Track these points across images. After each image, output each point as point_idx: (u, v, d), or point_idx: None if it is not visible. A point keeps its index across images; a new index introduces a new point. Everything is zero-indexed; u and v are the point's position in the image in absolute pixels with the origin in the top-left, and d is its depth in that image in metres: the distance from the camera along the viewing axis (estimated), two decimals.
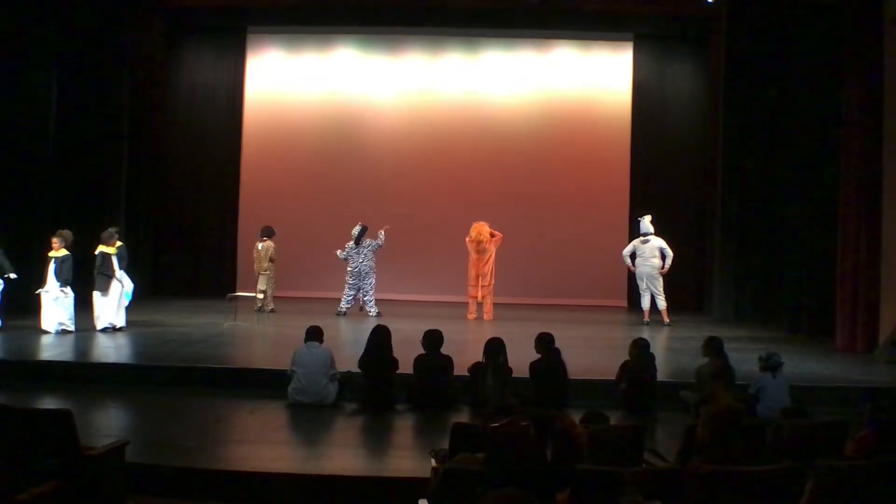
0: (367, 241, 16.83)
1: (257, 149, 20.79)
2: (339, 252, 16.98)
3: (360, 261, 16.74)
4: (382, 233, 16.91)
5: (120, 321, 14.09)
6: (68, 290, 13.63)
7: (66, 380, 10.83)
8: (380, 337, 10.18)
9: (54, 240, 13.73)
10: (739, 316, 17.15)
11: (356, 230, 16.87)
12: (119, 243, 14.35)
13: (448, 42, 20.94)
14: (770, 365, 9.59)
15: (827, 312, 14.63)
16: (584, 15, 19.33)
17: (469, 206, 19.08)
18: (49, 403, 9.37)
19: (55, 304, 13.54)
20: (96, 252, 14.10)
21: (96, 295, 13.97)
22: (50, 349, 12.35)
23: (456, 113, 20.57)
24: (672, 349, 13.51)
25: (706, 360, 9.82)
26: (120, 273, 14.19)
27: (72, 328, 13.61)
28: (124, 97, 18.19)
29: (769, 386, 9.40)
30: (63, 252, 13.68)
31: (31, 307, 13.87)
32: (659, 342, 14.04)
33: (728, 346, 10.15)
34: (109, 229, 14.41)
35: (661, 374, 10.42)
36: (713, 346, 9.84)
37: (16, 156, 15.44)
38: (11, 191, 15.35)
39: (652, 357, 10.29)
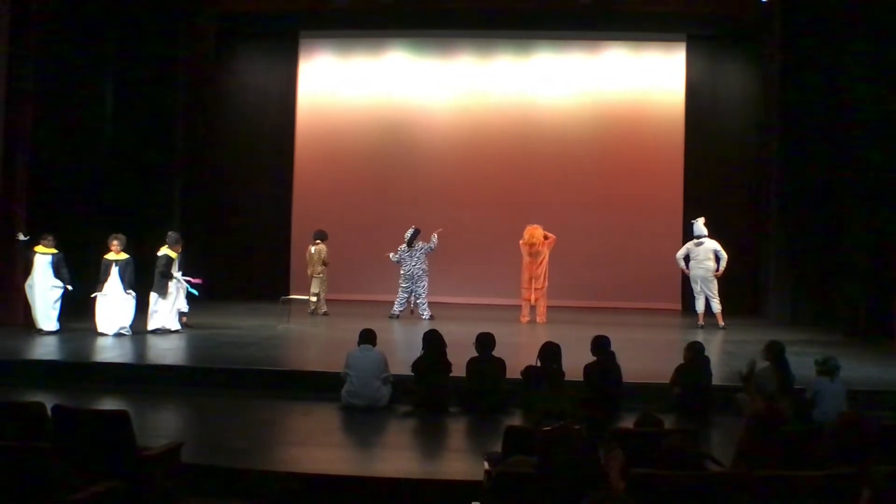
0: (419, 244, 16.85)
1: (310, 152, 20.93)
2: (391, 255, 17.03)
3: (413, 264, 16.77)
4: (435, 236, 16.91)
5: (173, 324, 14.24)
6: (132, 292, 13.80)
7: (123, 381, 10.97)
8: (433, 340, 10.19)
9: (114, 242, 13.88)
10: (795, 319, 16.91)
11: (408, 233, 16.90)
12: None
13: (499, 44, 20.93)
14: (827, 369, 9.42)
15: (886, 315, 14.40)
16: (636, 16, 19.23)
17: (522, 208, 19.01)
18: (106, 405, 9.50)
19: (118, 307, 13.70)
20: (159, 254, 14.27)
21: (153, 296, 14.13)
22: (107, 351, 12.51)
23: (507, 115, 20.53)
24: (727, 353, 13.35)
25: (766, 363, 9.68)
26: (178, 276, 14.38)
27: (129, 332, 13.77)
28: (178, 102, 18.42)
29: (826, 390, 9.23)
30: (124, 255, 13.87)
31: (87, 310, 14.04)
32: (714, 345, 13.86)
33: (785, 350, 10.01)
34: (174, 233, 14.60)
35: (716, 378, 10.29)
36: (774, 351, 9.70)
37: (72, 160, 15.64)
38: (67, 195, 15.55)
39: (707, 360, 10.16)
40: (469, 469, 7.43)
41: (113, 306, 13.70)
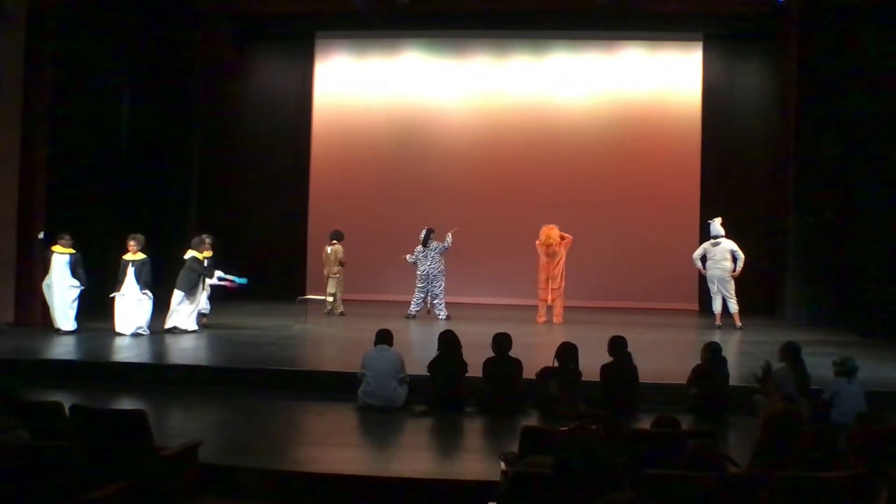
0: (434, 244, 16.85)
1: (326, 152, 20.97)
2: (407, 257, 17.03)
3: (429, 264, 16.77)
4: (450, 235, 16.90)
5: (190, 325, 14.29)
6: (148, 293, 13.85)
7: (141, 381, 11.03)
8: (449, 340, 10.18)
9: (131, 242, 13.92)
10: (813, 319, 16.81)
11: (423, 234, 16.91)
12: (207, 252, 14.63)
13: (514, 44, 20.92)
14: (845, 370, 9.42)
15: None
16: (652, 15, 19.13)
17: (538, 208, 18.99)
18: (124, 404, 9.54)
19: (134, 308, 13.76)
20: (187, 256, 14.33)
21: (178, 295, 14.17)
22: (125, 351, 12.57)
23: (523, 115, 20.52)
24: (744, 353, 13.29)
25: (782, 364, 9.65)
26: (216, 278, 14.49)
27: (146, 331, 13.82)
28: (195, 103, 18.51)
29: (844, 391, 9.23)
30: (141, 255, 13.91)
31: (105, 310, 14.10)
32: (731, 346, 13.84)
33: (802, 351, 9.98)
34: (201, 235, 14.67)
35: (733, 379, 10.25)
36: (790, 351, 9.67)
37: (89, 161, 15.73)
38: (84, 195, 15.63)
39: (724, 361, 10.14)
40: (485, 469, 7.42)
41: (129, 306, 13.75)
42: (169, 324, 14.12)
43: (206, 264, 14.50)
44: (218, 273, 14.74)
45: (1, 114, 14.77)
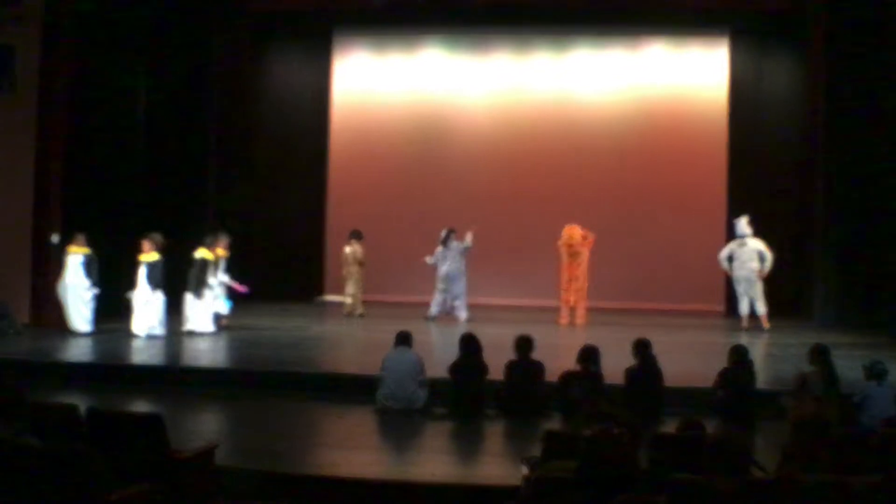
0: (454, 244, 16.74)
1: (345, 151, 20.90)
2: (427, 259, 16.91)
3: (449, 264, 16.66)
4: (469, 235, 16.79)
5: (207, 327, 14.24)
6: (159, 293, 13.80)
7: (157, 383, 11.01)
8: (470, 342, 10.13)
9: (145, 243, 13.90)
10: (842, 321, 16.57)
11: (442, 234, 16.81)
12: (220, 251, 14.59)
13: (536, 41, 20.76)
14: (875, 373, 9.29)
15: None
16: (678, 11, 19.00)
17: (560, 208, 18.81)
18: (140, 407, 9.57)
19: (145, 308, 13.73)
20: (195, 256, 14.30)
21: (188, 297, 14.14)
22: (140, 353, 12.61)
23: (545, 113, 20.35)
24: (771, 356, 13.20)
25: (811, 367, 9.50)
26: (219, 279, 14.42)
27: (161, 332, 13.78)
28: (212, 101, 18.53)
29: (874, 395, 9.11)
30: (154, 256, 13.86)
31: (122, 311, 14.09)
32: (758, 348, 13.65)
33: (831, 353, 9.81)
34: (216, 234, 14.64)
35: (761, 382, 10.20)
36: (819, 354, 9.51)
37: (105, 160, 15.71)
38: (102, 195, 15.61)
39: (751, 364, 10.02)
40: (507, 473, 7.38)
41: (142, 307, 13.72)
42: (186, 327, 14.10)
43: (220, 264, 14.43)
44: (222, 278, 14.60)
45: (17, 115, 14.82)
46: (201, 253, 14.38)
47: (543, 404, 9.82)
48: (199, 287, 14.15)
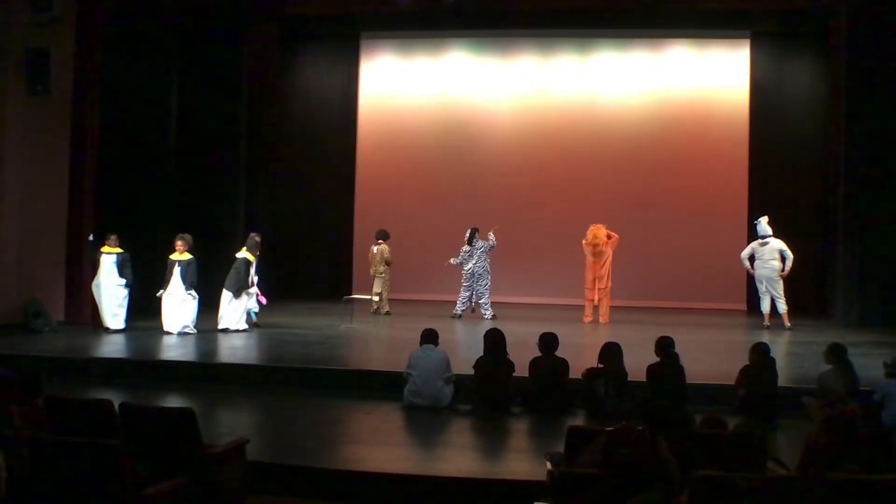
0: (478, 243, 16.85)
1: (372, 152, 21.04)
2: (452, 260, 17.03)
3: (474, 262, 16.77)
4: (492, 234, 16.90)
5: (241, 325, 14.40)
6: (194, 293, 13.98)
7: (189, 379, 11.16)
8: (495, 339, 10.17)
9: (178, 242, 14.06)
10: (863, 319, 16.55)
11: (467, 234, 16.93)
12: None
13: (560, 43, 20.83)
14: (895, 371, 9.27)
15: None
16: (699, 13, 18.99)
17: (584, 208, 18.94)
18: (172, 402, 9.64)
19: (180, 307, 13.91)
20: (238, 256, 14.48)
21: (226, 295, 14.31)
22: (173, 349, 12.72)
23: (569, 114, 20.44)
24: (793, 354, 13.16)
25: (829, 366, 9.54)
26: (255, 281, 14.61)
27: (193, 330, 13.96)
28: (242, 104, 18.64)
29: (894, 392, 9.08)
30: (187, 255, 14.03)
31: (153, 309, 14.28)
32: (780, 347, 13.66)
33: (852, 352, 9.85)
34: (254, 237, 14.80)
35: (782, 380, 10.15)
36: (836, 353, 9.55)
37: (137, 162, 15.89)
38: (133, 195, 15.81)
39: (772, 362, 10.01)
40: (531, 469, 7.42)
41: (175, 305, 13.91)
42: (221, 325, 14.27)
43: (254, 268, 14.60)
44: (254, 288, 14.77)
45: (51, 116, 14.99)
46: (244, 254, 14.56)
47: (568, 401, 9.87)
48: (240, 287, 14.33)
